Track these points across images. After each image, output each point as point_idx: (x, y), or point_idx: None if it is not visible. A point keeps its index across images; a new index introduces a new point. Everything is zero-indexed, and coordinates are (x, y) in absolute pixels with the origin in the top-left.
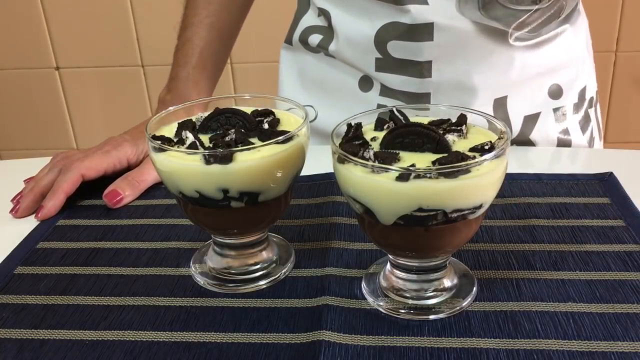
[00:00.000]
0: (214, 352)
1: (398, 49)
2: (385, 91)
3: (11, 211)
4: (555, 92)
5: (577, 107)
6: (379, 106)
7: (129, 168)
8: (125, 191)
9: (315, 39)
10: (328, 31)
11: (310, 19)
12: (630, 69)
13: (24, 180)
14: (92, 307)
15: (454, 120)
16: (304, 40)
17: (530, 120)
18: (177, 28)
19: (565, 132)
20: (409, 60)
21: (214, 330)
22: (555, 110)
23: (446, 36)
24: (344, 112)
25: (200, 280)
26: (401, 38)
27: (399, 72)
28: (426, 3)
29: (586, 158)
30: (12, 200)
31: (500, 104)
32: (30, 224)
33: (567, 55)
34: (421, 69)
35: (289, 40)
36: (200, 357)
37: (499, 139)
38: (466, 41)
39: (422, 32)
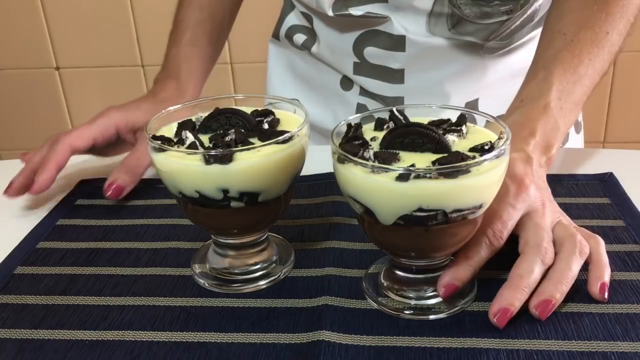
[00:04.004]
0: (214, 352)
1: (374, 55)
2: (365, 92)
3: (5, 192)
4: None
5: None
6: (359, 105)
7: (119, 139)
8: (123, 179)
9: (299, 38)
10: (311, 33)
11: (294, 18)
12: (630, 69)
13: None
14: (92, 307)
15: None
16: (289, 37)
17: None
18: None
19: None
20: (383, 67)
21: (214, 330)
22: None
23: (418, 49)
24: (327, 109)
25: (201, 280)
26: (377, 45)
27: (375, 77)
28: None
29: (586, 158)
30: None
31: (471, 106)
32: (30, 223)
33: None
34: (394, 75)
35: (276, 35)
36: (200, 357)
37: (499, 139)
38: (438, 54)
39: (396, 42)
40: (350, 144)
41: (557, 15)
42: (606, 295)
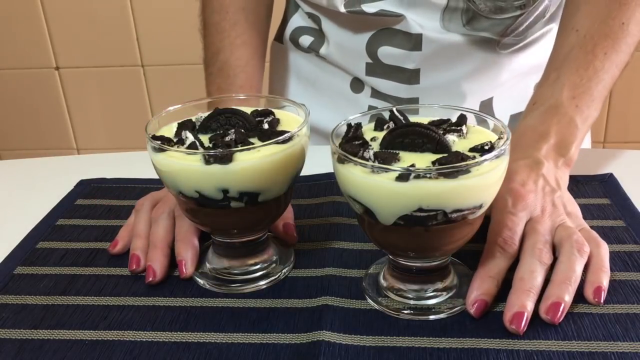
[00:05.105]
0: (214, 352)
1: (388, 55)
2: (376, 94)
3: (147, 277)
4: None
5: None
6: (370, 107)
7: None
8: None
9: (306, 40)
10: (319, 34)
11: (299, 19)
12: (630, 69)
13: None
14: (91, 307)
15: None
16: (294, 40)
17: (517, 118)
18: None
19: None
20: (398, 67)
21: (214, 330)
22: None
23: (434, 47)
24: (336, 112)
25: (201, 280)
26: (393, 45)
27: (388, 78)
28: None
29: (586, 158)
30: (112, 248)
31: (486, 106)
32: (30, 223)
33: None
34: (409, 76)
35: (279, 38)
36: (200, 357)
37: (499, 139)
38: (454, 52)
39: (412, 41)
40: (350, 144)
41: (570, 11)
42: (602, 299)
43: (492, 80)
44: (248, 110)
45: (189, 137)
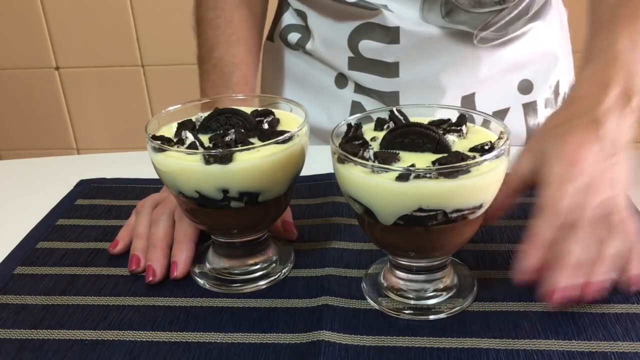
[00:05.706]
0: (214, 352)
1: (368, 49)
2: (359, 89)
3: (147, 277)
4: (526, 88)
5: (549, 102)
6: (354, 103)
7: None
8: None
9: (293, 37)
10: (305, 30)
11: (289, 17)
12: None
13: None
14: (91, 307)
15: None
16: (284, 38)
17: (499, 115)
18: (196, 55)
19: (536, 126)
20: (378, 61)
21: (214, 330)
22: (526, 105)
23: (412, 40)
24: (321, 108)
25: (201, 280)
26: (372, 38)
27: (370, 72)
28: (390, 10)
29: None
30: (112, 248)
31: (468, 101)
32: (30, 223)
33: (536, 50)
34: (389, 69)
35: (270, 37)
36: (200, 357)
37: (499, 139)
38: (432, 44)
39: (390, 34)
40: (350, 144)
41: None
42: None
43: (472, 74)
44: (248, 110)
45: (189, 137)
